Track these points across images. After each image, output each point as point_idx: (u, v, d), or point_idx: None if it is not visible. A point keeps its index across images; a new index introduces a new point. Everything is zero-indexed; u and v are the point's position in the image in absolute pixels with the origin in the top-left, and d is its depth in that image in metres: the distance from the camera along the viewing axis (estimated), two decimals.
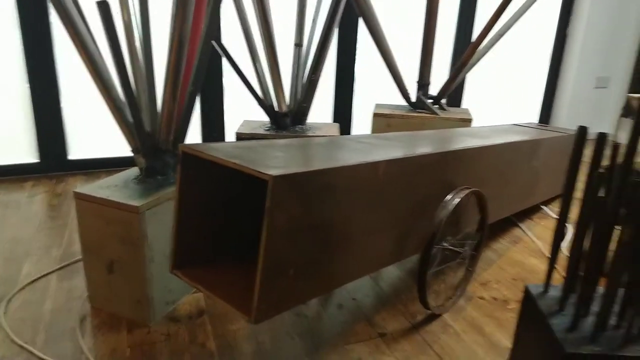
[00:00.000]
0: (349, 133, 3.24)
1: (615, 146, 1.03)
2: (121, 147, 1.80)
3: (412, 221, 1.40)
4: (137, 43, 1.52)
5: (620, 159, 1.01)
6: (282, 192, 0.92)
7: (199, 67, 1.54)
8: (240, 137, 2.15)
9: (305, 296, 1.12)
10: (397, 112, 2.61)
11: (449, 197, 1.44)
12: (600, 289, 1.06)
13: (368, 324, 1.49)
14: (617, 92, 3.58)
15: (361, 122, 3.26)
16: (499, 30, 2.55)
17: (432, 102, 2.66)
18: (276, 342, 1.39)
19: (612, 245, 1.00)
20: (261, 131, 2.18)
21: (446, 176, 1.49)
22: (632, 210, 0.92)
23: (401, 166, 1.28)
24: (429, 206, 1.42)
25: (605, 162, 1.04)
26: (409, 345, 1.39)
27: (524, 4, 2.56)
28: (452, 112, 2.62)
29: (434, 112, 2.58)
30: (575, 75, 3.48)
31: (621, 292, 1.03)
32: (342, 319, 1.51)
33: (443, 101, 2.70)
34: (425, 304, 1.46)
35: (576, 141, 1.05)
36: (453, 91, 3.29)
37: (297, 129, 2.24)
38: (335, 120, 3.20)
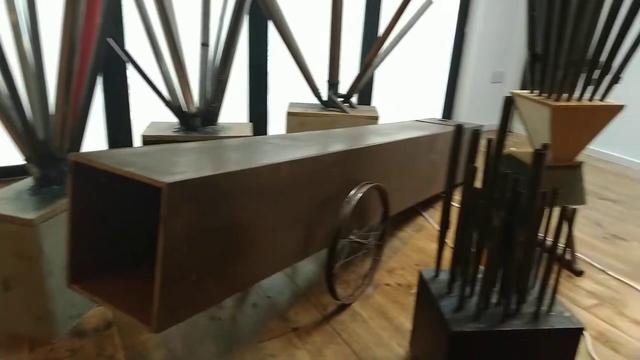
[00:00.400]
0: (264, 132, 3.26)
1: (489, 141, 1.14)
2: (13, 155, 1.68)
3: (318, 218, 1.45)
4: (26, 44, 1.43)
5: (492, 151, 1.12)
6: (177, 199, 0.93)
7: (94, 69, 1.48)
8: (146, 140, 2.09)
9: (212, 300, 1.13)
10: (309, 110, 2.67)
11: (352, 192, 1.51)
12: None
13: (281, 319, 1.53)
14: (511, 86, 3.92)
15: (278, 121, 3.28)
16: (400, 31, 2.69)
17: (342, 101, 2.75)
18: (188, 348, 1.39)
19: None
20: (169, 133, 2.13)
21: (349, 173, 1.56)
22: (502, 198, 1.04)
23: (304, 166, 1.33)
24: (334, 202, 1.49)
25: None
26: (319, 336, 1.45)
27: (422, 5, 2.72)
28: (361, 110, 2.72)
29: (343, 111, 2.67)
30: (473, 71, 3.76)
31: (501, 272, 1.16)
32: (256, 318, 1.54)
33: (353, 99, 2.80)
34: (335, 296, 1.53)
35: (454, 138, 1.15)
36: (363, 89, 3.44)
37: (208, 129, 2.22)
38: (251, 120, 3.20)
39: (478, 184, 1.13)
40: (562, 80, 1.66)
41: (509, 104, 1.06)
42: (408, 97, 3.74)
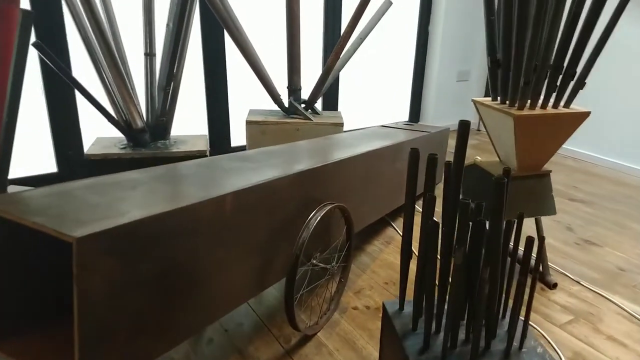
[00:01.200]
0: (225, 143, 3.10)
1: (447, 164, 1.04)
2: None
3: (273, 246, 1.33)
4: None
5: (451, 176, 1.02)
6: (92, 253, 0.79)
7: (14, 93, 1.32)
8: (90, 159, 1.93)
9: (152, 354, 1.00)
10: (270, 118, 2.54)
11: (310, 216, 1.39)
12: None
13: (240, 356, 1.41)
14: (477, 84, 3.87)
15: (241, 129, 3.13)
16: (361, 33, 2.59)
17: (305, 107, 2.63)
18: None
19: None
20: (115, 150, 1.97)
21: (308, 193, 1.45)
22: (461, 233, 0.94)
23: (254, 193, 1.20)
24: (291, 227, 1.37)
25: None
26: None
27: (381, 5, 2.62)
28: (325, 117, 2.61)
29: (307, 118, 2.55)
30: (438, 71, 3.69)
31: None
32: (212, 356, 1.41)
33: (317, 105, 2.68)
34: (296, 328, 1.42)
35: (410, 162, 1.05)
36: (328, 94, 3.33)
37: (159, 144, 2.07)
38: (211, 129, 3.04)
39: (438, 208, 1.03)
40: (524, 87, 1.58)
41: (465, 128, 0.96)
42: (374, 99, 3.65)
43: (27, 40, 1.22)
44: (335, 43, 3.24)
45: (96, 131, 2.38)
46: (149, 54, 2.00)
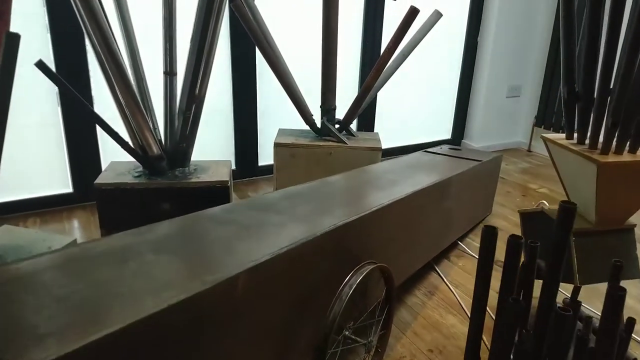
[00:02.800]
0: (253, 161, 2.89)
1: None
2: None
3: (296, 325, 1.09)
4: None
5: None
6: None
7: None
8: (100, 189, 1.74)
9: None
10: (300, 141, 2.31)
11: (345, 282, 1.15)
12: None
13: None
14: (530, 101, 3.53)
15: (269, 145, 2.91)
16: (403, 49, 2.32)
17: (339, 129, 2.39)
18: None
19: None
20: (128, 179, 1.78)
21: (339, 254, 1.20)
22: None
23: (274, 265, 0.97)
24: (318, 297, 1.13)
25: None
26: None
27: (430, 17, 2.35)
28: (361, 139, 2.36)
29: (340, 140, 2.31)
30: (487, 86, 3.38)
31: None
32: None
33: (352, 126, 2.44)
34: None
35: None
36: (364, 111, 3.08)
37: (177, 172, 1.86)
38: (237, 148, 2.83)
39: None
40: (611, 128, 1.28)
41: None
42: (413, 116, 3.37)
43: (12, 63, 1.02)
44: (374, 59, 3.00)
45: (117, 151, 2.21)
46: (169, 73, 1.80)
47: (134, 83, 1.80)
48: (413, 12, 2.02)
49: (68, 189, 2.41)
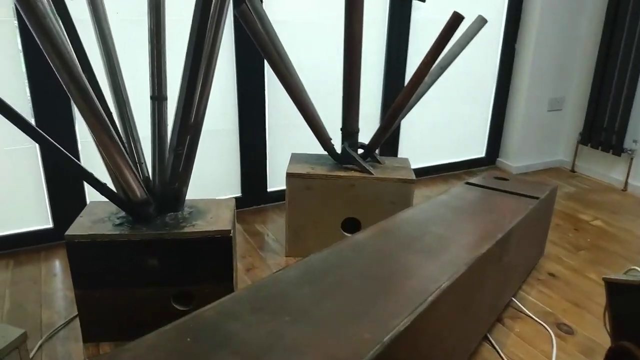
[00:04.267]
0: (261, 186, 2.53)
1: None
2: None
3: None
4: None
5: None
6: None
7: None
8: (72, 242, 1.40)
9: None
10: (317, 170, 1.96)
11: None
12: None
13: None
14: (573, 115, 3.13)
15: (280, 168, 2.54)
16: (440, 62, 1.95)
17: (362, 155, 2.03)
18: None
19: None
20: (108, 228, 1.43)
21: None
22: None
23: None
24: None
25: None
26: None
27: (470, 27, 1.97)
28: (389, 168, 2.00)
29: (365, 170, 1.94)
30: (526, 97, 2.98)
31: None
32: None
33: (377, 152, 2.07)
34: None
35: None
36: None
37: (167, 219, 1.51)
38: (244, 177, 2.46)
39: None
40: None
41: None
42: (442, 131, 2.98)
43: None
44: (400, 70, 2.62)
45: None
46: (157, 98, 1.45)
47: (114, 109, 1.46)
48: (456, 19, 1.65)
49: (47, 224, 2.08)
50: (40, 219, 2.07)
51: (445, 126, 2.96)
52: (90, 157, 1.96)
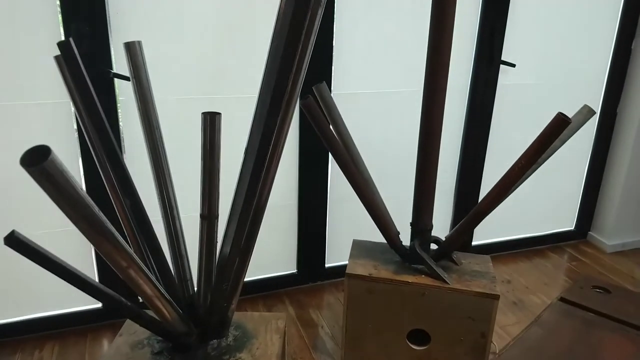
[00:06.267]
0: (319, 261, 2.33)
1: None
2: None
3: None
4: None
5: None
6: None
7: None
8: None
9: None
10: (382, 272, 1.72)
11: None
12: None
13: None
14: None
15: (341, 247, 2.33)
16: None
17: (435, 254, 1.76)
18: None
19: None
20: (146, 358, 1.28)
21: None
22: None
23: None
24: None
25: None
26: None
27: (575, 117, 1.65)
28: (466, 272, 1.72)
29: (438, 277, 1.68)
30: (630, 160, 2.56)
31: None
32: None
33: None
34: None
35: None
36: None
37: (209, 349, 1.34)
38: (300, 252, 2.27)
39: None
40: None
41: None
42: (523, 198, 2.62)
43: None
44: (480, 146, 2.31)
45: None
46: (207, 217, 1.28)
47: (162, 223, 1.31)
48: (561, 123, 1.35)
49: (96, 303, 2.00)
50: (88, 298, 1.99)
51: (530, 195, 2.61)
52: None
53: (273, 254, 2.24)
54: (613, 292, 1.78)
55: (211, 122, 1.20)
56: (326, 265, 2.34)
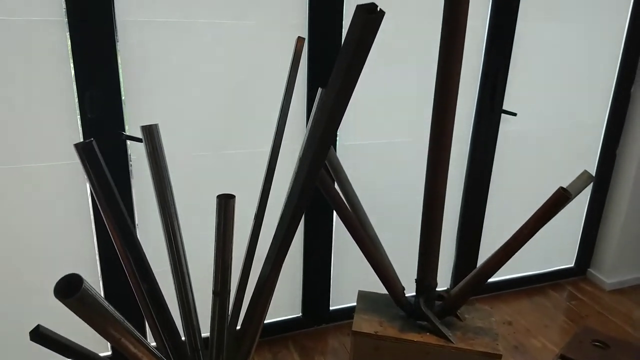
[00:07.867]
0: (322, 311, 2.37)
1: None
2: None
3: None
4: None
5: None
6: None
7: None
8: None
9: None
10: (388, 330, 1.76)
11: None
12: None
13: None
14: None
15: (345, 290, 2.37)
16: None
17: (439, 311, 1.80)
18: None
19: None
20: None
21: None
22: None
23: None
24: None
25: None
26: None
27: (573, 185, 1.70)
28: (470, 329, 1.76)
29: (442, 335, 1.72)
30: (630, 196, 2.60)
31: None
32: None
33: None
34: None
35: None
36: None
37: None
38: (305, 294, 2.31)
39: None
40: None
41: None
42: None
43: None
44: (480, 197, 2.37)
45: None
46: (219, 294, 1.32)
47: (176, 296, 1.35)
48: (563, 198, 1.40)
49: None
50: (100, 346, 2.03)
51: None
52: None
53: (278, 298, 2.28)
54: (612, 346, 1.82)
55: (226, 206, 1.25)
56: (331, 308, 2.38)
